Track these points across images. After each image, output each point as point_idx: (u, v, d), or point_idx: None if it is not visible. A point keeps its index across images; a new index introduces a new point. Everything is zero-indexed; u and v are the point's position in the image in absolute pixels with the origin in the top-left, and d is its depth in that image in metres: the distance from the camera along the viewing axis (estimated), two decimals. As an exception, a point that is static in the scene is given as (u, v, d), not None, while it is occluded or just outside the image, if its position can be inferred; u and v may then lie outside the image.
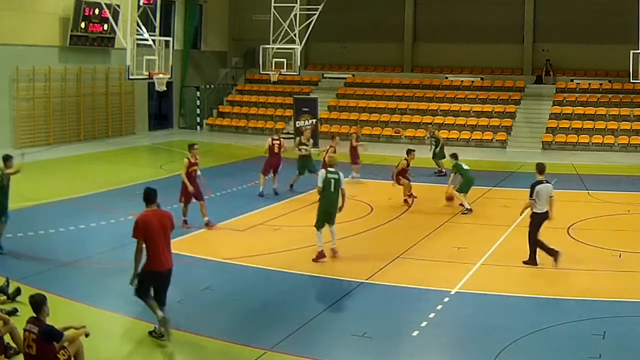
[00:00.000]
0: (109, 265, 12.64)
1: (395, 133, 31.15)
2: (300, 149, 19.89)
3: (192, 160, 15.36)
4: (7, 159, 13.28)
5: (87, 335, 8.13)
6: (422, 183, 21.05)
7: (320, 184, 13.13)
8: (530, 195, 12.64)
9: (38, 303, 7.81)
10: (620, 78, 29.99)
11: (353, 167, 21.40)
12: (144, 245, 9.03)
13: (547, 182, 12.85)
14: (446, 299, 11.04)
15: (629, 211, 17.40)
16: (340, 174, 13.23)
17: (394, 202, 18.06)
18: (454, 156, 17.86)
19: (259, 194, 18.78)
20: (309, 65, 37.26)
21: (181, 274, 12.60)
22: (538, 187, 12.63)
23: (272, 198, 18.62)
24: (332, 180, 13.05)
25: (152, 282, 9.26)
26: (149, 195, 9.29)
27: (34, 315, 7.79)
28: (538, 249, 12.68)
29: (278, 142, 19.30)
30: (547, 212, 12.69)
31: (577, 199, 19.02)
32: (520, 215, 14.07)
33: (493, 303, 11.00)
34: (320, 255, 13.00)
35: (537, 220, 12.68)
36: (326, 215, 13.16)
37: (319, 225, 13.14)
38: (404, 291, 11.67)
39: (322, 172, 13.44)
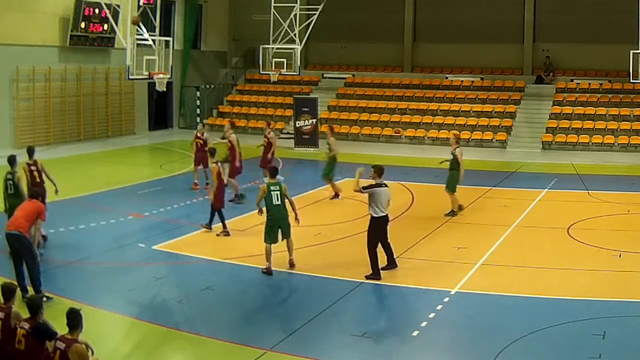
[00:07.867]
0: (109, 265, 12.65)
1: (395, 133, 31.14)
2: None
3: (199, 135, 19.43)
4: (13, 160, 13.15)
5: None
6: (423, 183, 21.12)
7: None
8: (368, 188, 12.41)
9: (35, 306, 7.62)
10: (620, 78, 29.94)
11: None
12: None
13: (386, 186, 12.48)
14: (446, 299, 11.04)
15: (629, 211, 17.38)
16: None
17: (394, 203, 18.01)
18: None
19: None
20: (309, 65, 37.21)
21: (181, 274, 12.69)
22: (378, 189, 12.37)
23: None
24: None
25: None
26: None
27: (30, 316, 7.62)
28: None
29: None
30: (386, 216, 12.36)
31: (577, 199, 19.01)
32: None
33: (493, 303, 11.00)
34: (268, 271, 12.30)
35: (378, 224, 12.34)
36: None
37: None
38: (404, 291, 11.68)
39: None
